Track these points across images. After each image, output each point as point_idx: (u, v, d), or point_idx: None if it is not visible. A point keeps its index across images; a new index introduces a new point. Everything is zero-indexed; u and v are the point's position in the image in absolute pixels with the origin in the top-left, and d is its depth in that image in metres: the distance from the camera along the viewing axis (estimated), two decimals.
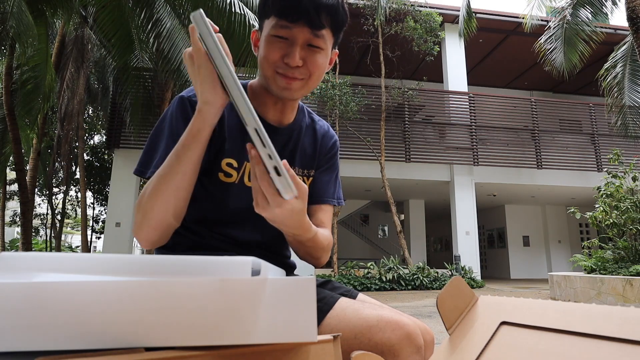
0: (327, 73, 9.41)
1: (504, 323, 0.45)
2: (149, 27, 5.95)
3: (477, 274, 9.69)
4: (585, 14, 8.64)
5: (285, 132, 0.88)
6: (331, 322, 0.72)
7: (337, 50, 0.84)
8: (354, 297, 0.87)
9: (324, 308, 0.73)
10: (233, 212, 0.83)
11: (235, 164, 0.82)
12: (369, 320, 0.70)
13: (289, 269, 0.94)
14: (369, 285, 8.14)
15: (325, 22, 0.75)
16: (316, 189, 0.93)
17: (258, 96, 0.86)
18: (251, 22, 5.74)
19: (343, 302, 0.74)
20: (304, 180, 0.91)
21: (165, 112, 0.81)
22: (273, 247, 0.90)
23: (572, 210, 6.65)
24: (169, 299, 0.39)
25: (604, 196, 6.40)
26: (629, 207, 6.03)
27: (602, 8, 8.53)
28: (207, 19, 0.55)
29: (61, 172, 15.03)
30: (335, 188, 0.97)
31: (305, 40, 0.75)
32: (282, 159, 0.86)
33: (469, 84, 11.69)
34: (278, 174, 0.54)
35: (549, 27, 9.11)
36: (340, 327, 0.71)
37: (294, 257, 0.95)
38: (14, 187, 14.97)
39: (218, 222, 0.83)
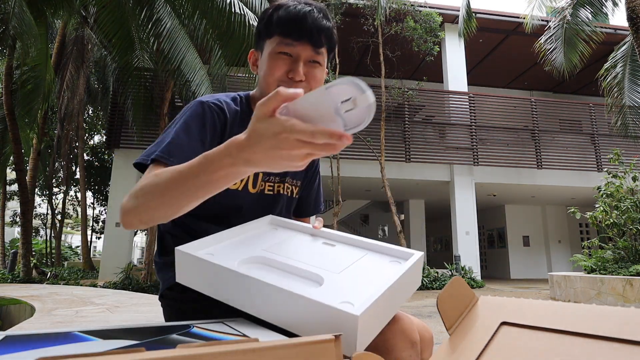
0: (327, 73, 9.40)
1: (504, 323, 0.45)
2: (149, 26, 5.94)
3: (477, 274, 9.68)
4: (585, 14, 8.64)
5: None
6: None
7: (327, 70, 0.92)
8: None
9: None
10: (241, 216, 0.85)
11: None
12: None
13: None
14: None
15: (324, 41, 0.83)
16: (304, 204, 1.04)
17: None
18: (251, 22, 5.72)
19: None
20: (292, 190, 0.96)
21: (183, 112, 0.81)
22: None
23: (572, 210, 6.64)
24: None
25: (604, 196, 6.39)
26: (629, 207, 6.03)
27: (602, 8, 8.53)
28: None
29: (61, 172, 15.04)
30: (319, 199, 1.08)
31: (308, 57, 0.83)
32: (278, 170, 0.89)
33: (469, 84, 11.68)
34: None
35: (549, 27, 9.11)
36: None
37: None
38: (14, 187, 14.98)
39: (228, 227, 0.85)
